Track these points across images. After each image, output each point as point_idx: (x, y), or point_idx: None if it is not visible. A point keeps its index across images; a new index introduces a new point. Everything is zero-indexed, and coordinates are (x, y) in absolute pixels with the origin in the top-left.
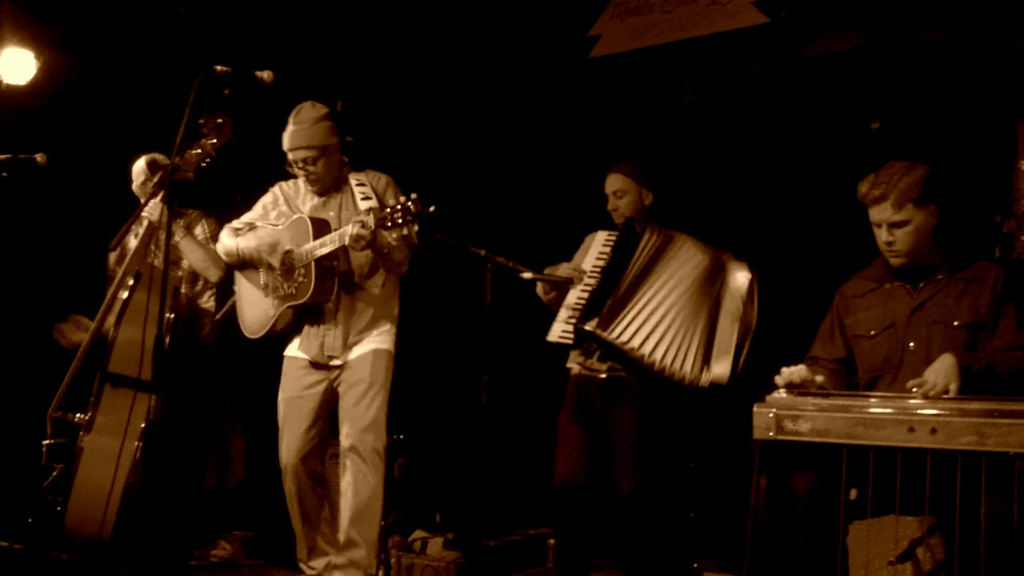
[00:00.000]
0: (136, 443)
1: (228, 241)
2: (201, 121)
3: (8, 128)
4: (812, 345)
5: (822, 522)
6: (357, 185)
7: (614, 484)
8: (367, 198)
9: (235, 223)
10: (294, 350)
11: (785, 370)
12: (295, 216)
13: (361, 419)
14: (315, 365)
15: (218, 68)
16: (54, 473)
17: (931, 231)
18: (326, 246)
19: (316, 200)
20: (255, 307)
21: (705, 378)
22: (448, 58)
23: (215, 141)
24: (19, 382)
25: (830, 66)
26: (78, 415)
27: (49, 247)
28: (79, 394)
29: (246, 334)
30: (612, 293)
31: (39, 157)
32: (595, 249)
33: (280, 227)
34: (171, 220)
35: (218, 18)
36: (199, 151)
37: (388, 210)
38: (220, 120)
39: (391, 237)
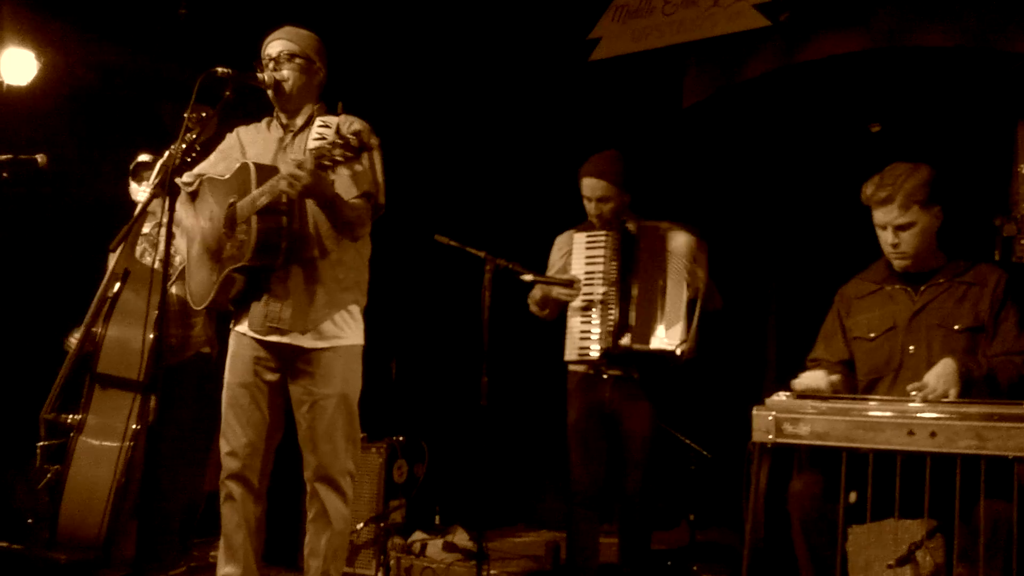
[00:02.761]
0: (127, 444)
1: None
2: (186, 115)
3: (9, 129)
4: (814, 346)
5: (822, 526)
6: (319, 127)
7: (623, 481)
8: (321, 138)
9: (185, 177)
10: (240, 325)
11: (804, 375)
12: (240, 162)
13: (338, 441)
14: (266, 345)
15: (219, 70)
16: (49, 475)
17: (935, 233)
18: (264, 195)
19: (275, 143)
20: (200, 272)
21: (655, 344)
22: (449, 60)
23: (198, 134)
24: (15, 383)
25: (831, 69)
26: (70, 416)
27: (49, 248)
28: (73, 395)
29: (192, 305)
30: (633, 304)
31: (40, 158)
32: (579, 253)
33: (227, 177)
34: (171, 219)
35: (220, 19)
36: (184, 146)
37: (327, 144)
38: (204, 114)
39: (344, 187)
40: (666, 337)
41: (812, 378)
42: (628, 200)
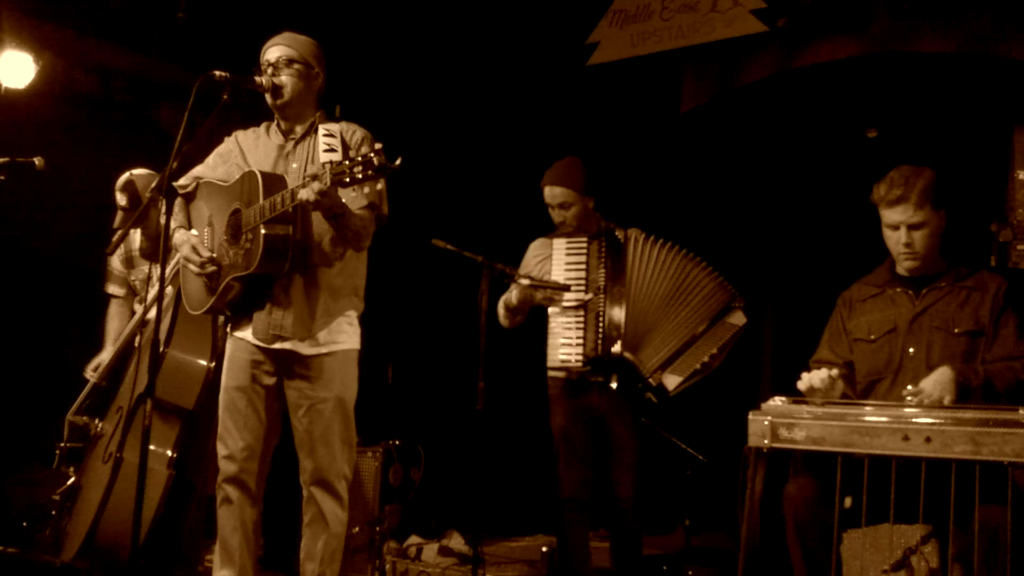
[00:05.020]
0: (170, 471)
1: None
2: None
3: (7, 132)
4: (818, 348)
5: (817, 530)
6: (325, 136)
7: (613, 487)
8: (331, 150)
9: (182, 179)
10: (241, 331)
11: (806, 375)
12: (246, 170)
13: (334, 445)
14: (264, 350)
15: (217, 74)
16: (71, 481)
17: (940, 237)
18: (276, 206)
19: (276, 151)
20: (198, 277)
21: (656, 377)
22: (447, 65)
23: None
24: (7, 389)
25: (828, 75)
26: (98, 423)
27: (48, 249)
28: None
29: (188, 309)
30: (624, 312)
31: (37, 161)
32: (559, 259)
33: (228, 183)
34: (168, 223)
35: (218, 24)
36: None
37: (347, 162)
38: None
39: (351, 198)
40: (666, 380)
41: (816, 376)
42: (592, 204)
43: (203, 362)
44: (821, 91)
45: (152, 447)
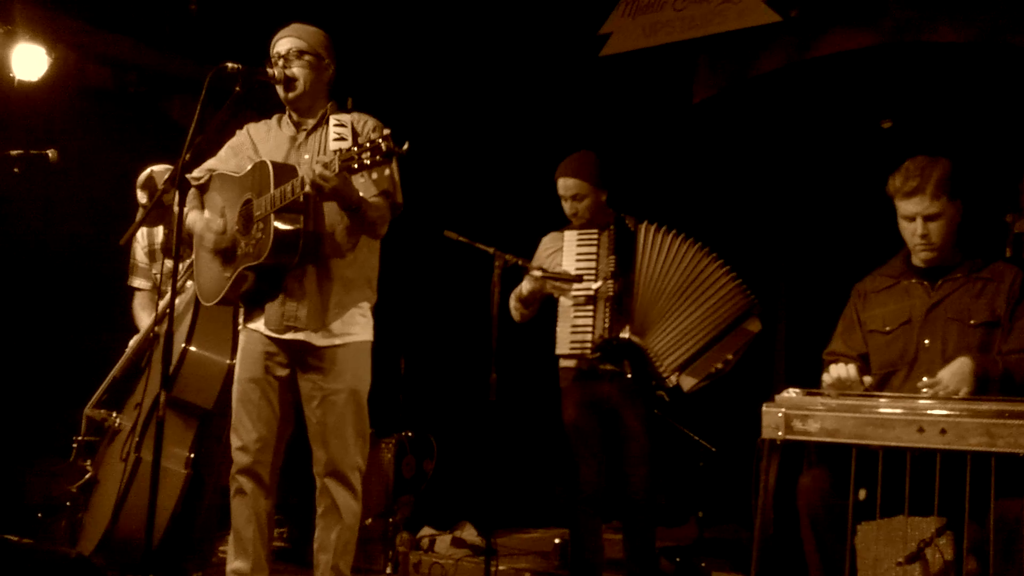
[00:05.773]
0: (187, 471)
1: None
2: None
3: (20, 124)
4: (831, 340)
5: (831, 522)
6: (336, 126)
7: (625, 479)
8: (341, 139)
9: (195, 171)
10: (254, 322)
11: (834, 367)
12: (257, 160)
13: (347, 436)
14: (277, 341)
15: (229, 65)
16: (87, 475)
17: (956, 228)
18: (286, 195)
19: (287, 142)
20: (211, 268)
21: (672, 380)
22: (460, 56)
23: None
24: (17, 379)
25: (841, 65)
26: (116, 417)
27: (56, 244)
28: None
29: (202, 301)
30: (635, 297)
31: (50, 153)
32: (571, 250)
33: (240, 174)
34: (181, 214)
35: (230, 15)
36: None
37: (355, 148)
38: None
39: (360, 184)
40: (683, 382)
41: (844, 368)
42: (604, 197)
43: (223, 360)
44: (835, 82)
45: (170, 447)
